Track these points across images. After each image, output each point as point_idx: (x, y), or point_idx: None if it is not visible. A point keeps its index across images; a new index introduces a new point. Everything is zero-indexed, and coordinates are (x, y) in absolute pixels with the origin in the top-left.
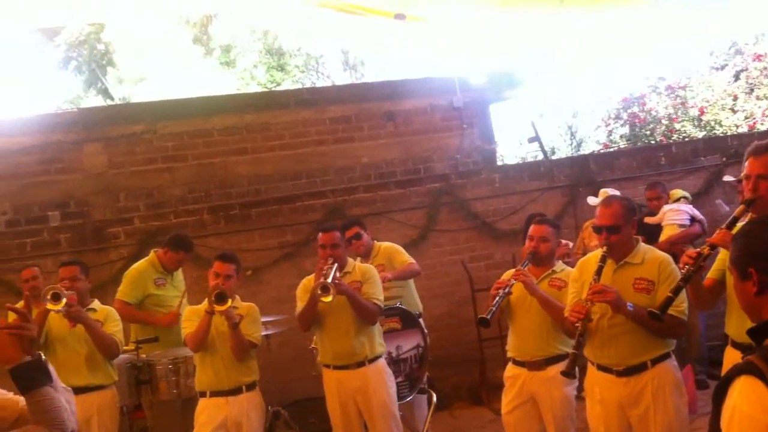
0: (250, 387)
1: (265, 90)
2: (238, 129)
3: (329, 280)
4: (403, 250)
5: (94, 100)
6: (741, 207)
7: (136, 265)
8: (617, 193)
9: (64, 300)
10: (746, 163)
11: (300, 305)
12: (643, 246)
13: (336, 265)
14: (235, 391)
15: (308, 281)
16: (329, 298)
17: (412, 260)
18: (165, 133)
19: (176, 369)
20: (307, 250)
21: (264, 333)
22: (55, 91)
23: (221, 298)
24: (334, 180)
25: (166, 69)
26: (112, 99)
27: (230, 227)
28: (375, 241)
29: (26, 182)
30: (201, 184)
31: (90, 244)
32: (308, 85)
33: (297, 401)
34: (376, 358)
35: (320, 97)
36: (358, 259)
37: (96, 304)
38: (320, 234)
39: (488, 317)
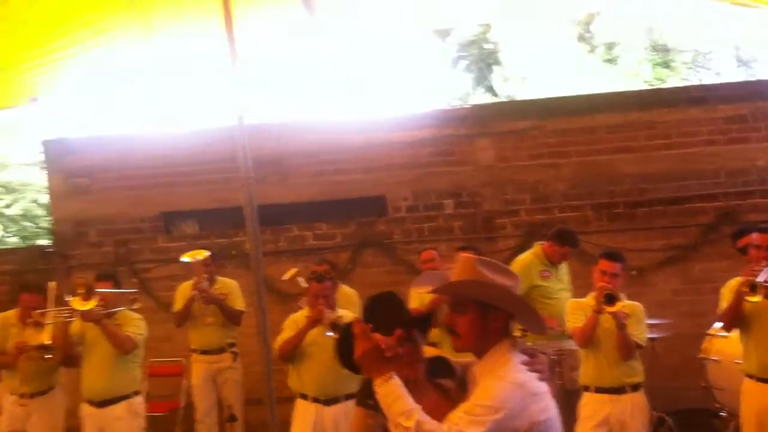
0: (635, 388)
1: (652, 87)
2: (622, 127)
3: (760, 279)
4: None
5: (481, 98)
6: None
7: (521, 256)
8: None
9: None
10: None
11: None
12: None
13: None
14: (619, 390)
15: None
16: (756, 298)
17: None
18: (550, 129)
19: (560, 360)
20: (696, 255)
21: (649, 336)
22: (446, 88)
23: (611, 299)
24: (725, 183)
25: (550, 67)
26: (497, 96)
27: (614, 225)
28: None
29: (423, 172)
30: (584, 181)
31: (480, 232)
32: (695, 82)
33: (683, 410)
34: None
35: (710, 94)
36: None
37: None
38: (755, 234)
39: None
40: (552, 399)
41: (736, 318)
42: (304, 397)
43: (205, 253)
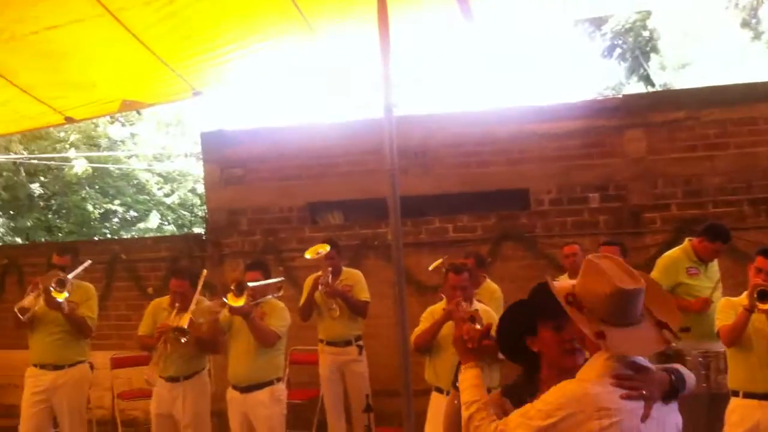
0: None
1: None
2: None
3: None
4: None
5: (635, 87)
6: None
7: (669, 253)
8: None
9: None
10: None
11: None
12: None
13: None
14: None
15: None
16: None
17: None
18: (707, 120)
19: (707, 363)
20: None
21: None
22: (598, 78)
23: (765, 296)
24: None
25: (711, 54)
26: (653, 85)
27: None
28: None
29: (569, 164)
30: (742, 174)
31: (626, 227)
32: None
33: None
34: None
35: None
36: None
37: None
38: None
39: None
40: (634, 419)
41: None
42: (439, 390)
43: (327, 248)
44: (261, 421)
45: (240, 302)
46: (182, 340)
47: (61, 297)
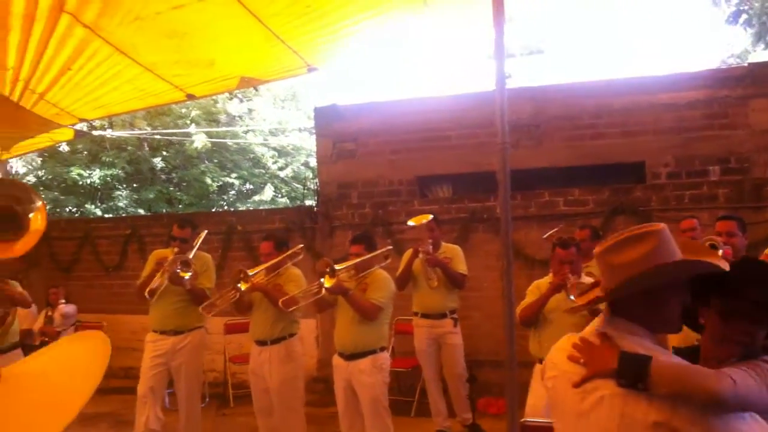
0: None
1: None
2: None
3: None
4: None
5: (762, 55)
6: None
7: None
8: None
9: (720, 252)
10: None
11: None
12: None
13: None
14: None
15: None
16: None
17: None
18: None
19: None
20: None
21: None
22: (723, 46)
23: None
24: None
25: None
26: None
27: None
28: None
29: (689, 136)
30: None
31: (747, 201)
32: None
33: None
34: None
35: None
36: None
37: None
38: None
39: None
40: (567, 382)
41: None
42: (542, 362)
43: (429, 217)
44: (363, 388)
45: (331, 282)
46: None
47: (186, 275)
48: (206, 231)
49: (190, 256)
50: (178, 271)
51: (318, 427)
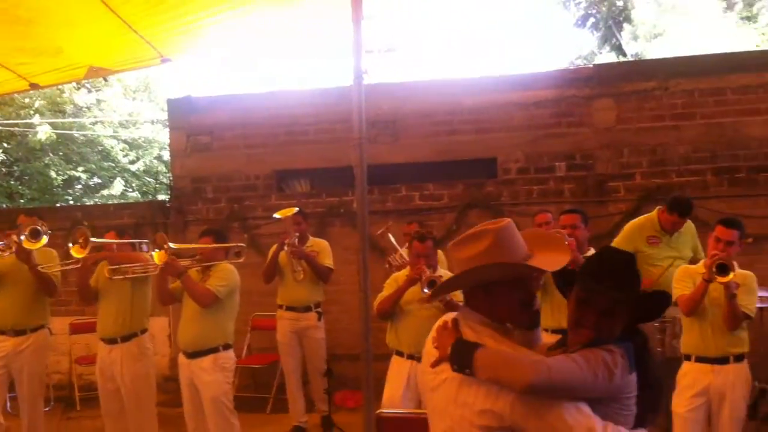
0: (738, 359)
1: None
2: (752, 88)
3: None
4: None
5: (607, 57)
6: None
7: (636, 219)
8: None
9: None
10: None
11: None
12: None
13: None
14: (722, 361)
15: None
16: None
17: None
18: (676, 90)
19: (663, 328)
20: None
21: (758, 306)
22: (571, 48)
23: (723, 269)
24: None
25: (683, 24)
26: (624, 55)
27: (734, 191)
28: None
29: (538, 133)
30: (707, 145)
31: (591, 196)
32: None
33: None
34: None
35: None
36: None
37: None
38: None
39: None
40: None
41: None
42: (399, 354)
43: (295, 210)
44: (204, 387)
45: (83, 254)
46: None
47: (37, 246)
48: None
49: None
50: (24, 238)
51: (170, 428)
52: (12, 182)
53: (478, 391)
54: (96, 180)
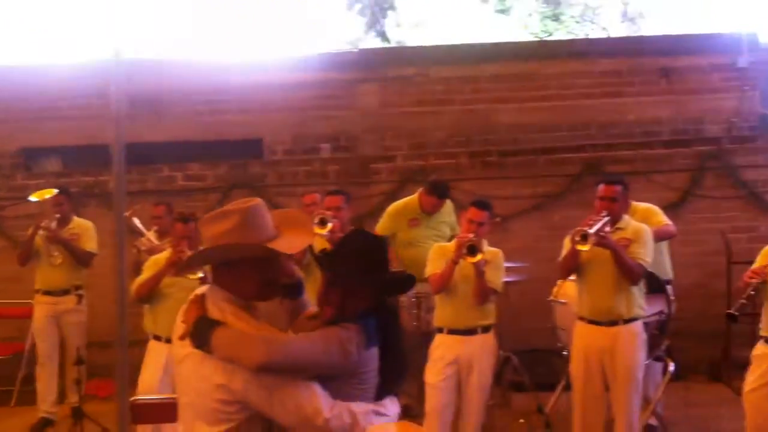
0: (486, 329)
1: (537, 39)
2: (505, 77)
3: (592, 231)
4: (660, 212)
5: (372, 42)
6: None
7: (398, 202)
8: None
9: (330, 225)
10: None
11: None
12: None
13: (607, 218)
14: (470, 332)
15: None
16: (585, 247)
17: (669, 222)
18: (436, 77)
19: (418, 303)
20: (559, 203)
21: (505, 280)
22: (341, 31)
23: (473, 250)
24: (596, 135)
25: (444, 14)
26: (389, 42)
27: (486, 173)
28: (632, 201)
29: (305, 115)
30: (463, 130)
31: (355, 177)
32: (582, 36)
33: (529, 350)
34: (633, 319)
35: (592, 48)
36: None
37: None
38: (601, 186)
39: (736, 314)
40: None
41: (572, 266)
42: (157, 338)
43: (54, 192)
44: None
45: None
46: None
47: None
48: None
49: None
50: None
51: None
52: None
53: (216, 366)
54: None
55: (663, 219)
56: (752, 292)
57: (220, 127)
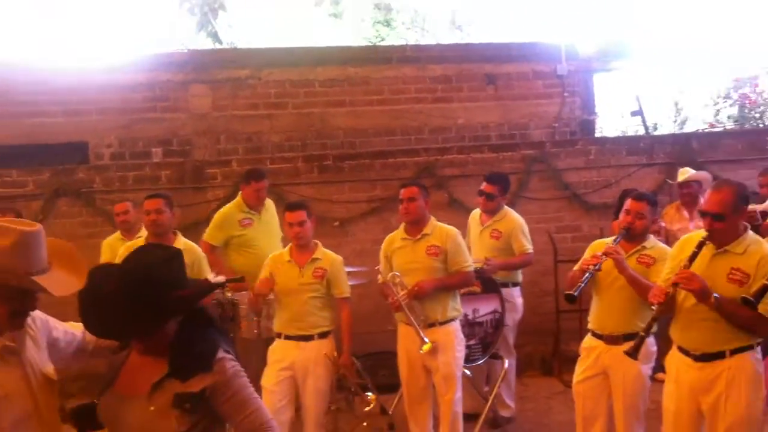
0: (323, 335)
1: (369, 44)
2: (339, 81)
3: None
4: (526, 233)
5: (204, 43)
6: None
7: (223, 208)
8: (705, 174)
9: None
10: None
11: (383, 262)
12: (750, 236)
13: None
14: (307, 338)
15: (391, 237)
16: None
17: (530, 248)
18: (269, 80)
19: (259, 311)
20: (395, 206)
21: (351, 283)
22: (171, 31)
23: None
24: (428, 139)
25: (276, 17)
26: (221, 43)
27: (323, 177)
28: (506, 207)
29: (133, 117)
30: (298, 133)
31: (188, 182)
32: (412, 42)
33: (370, 354)
34: (448, 321)
35: (423, 54)
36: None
37: (180, 240)
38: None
39: (575, 294)
40: None
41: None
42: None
43: None
44: None
45: None
46: None
47: None
48: None
49: None
50: None
51: None
52: None
53: None
54: None
55: (525, 246)
56: (590, 275)
57: (40, 130)
